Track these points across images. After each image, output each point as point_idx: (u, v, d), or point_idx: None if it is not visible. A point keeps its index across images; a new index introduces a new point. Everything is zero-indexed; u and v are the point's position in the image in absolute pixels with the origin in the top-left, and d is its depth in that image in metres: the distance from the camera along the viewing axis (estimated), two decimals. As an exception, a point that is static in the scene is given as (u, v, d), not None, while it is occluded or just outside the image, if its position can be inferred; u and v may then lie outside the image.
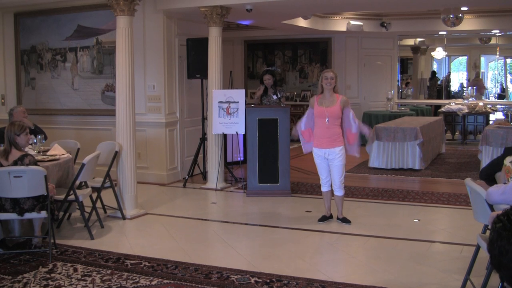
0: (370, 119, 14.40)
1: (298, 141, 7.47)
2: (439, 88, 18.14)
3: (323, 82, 6.83)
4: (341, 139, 6.83)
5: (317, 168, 7.06)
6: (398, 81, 16.67)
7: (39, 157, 6.56)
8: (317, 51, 15.86)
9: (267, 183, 8.79)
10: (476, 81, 17.49)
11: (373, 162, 11.06)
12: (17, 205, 5.72)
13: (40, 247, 6.11)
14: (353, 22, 14.59)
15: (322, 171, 7.02)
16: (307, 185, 9.50)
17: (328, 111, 6.74)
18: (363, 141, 10.74)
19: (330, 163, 6.90)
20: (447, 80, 18.37)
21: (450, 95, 18.03)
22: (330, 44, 15.67)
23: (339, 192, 7.00)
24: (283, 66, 16.33)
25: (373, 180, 10.14)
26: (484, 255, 4.54)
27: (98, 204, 7.38)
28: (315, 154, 6.97)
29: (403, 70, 17.97)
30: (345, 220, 7.06)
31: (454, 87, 18.67)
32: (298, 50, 16.12)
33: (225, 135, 10.08)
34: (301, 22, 13.01)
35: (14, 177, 5.55)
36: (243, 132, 9.04)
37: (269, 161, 8.78)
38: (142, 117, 9.66)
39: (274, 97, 9.22)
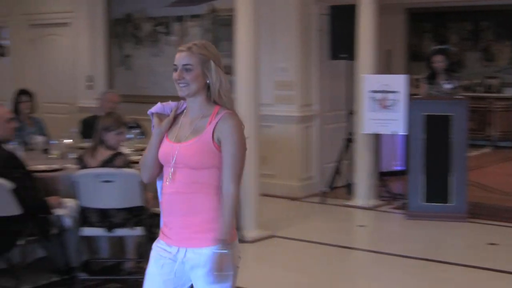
0: None
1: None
2: None
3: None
4: (214, 225, 3.42)
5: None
6: None
7: (135, 158, 6.58)
8: (506, 22, 15.36)
9: (435, 203, 8.70)
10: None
11: None
12: (105, 218, 5.89)
13: (133, 273, 6.19)
14: None
15: None
16: (490, 208, 9.28)
17: (175, 150, 3.49)
18: None
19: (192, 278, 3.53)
20: None
21: None
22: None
23: None
24: (461, 44, 16.01)
25: None
26: None
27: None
28: (154, 251, 3.57)
29: None
30: None
31: None
32: (481, 22, 15.75)
33: (378, 136, 9.99)
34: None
35: (103, 182, 5.70)
36: (403, 132, 9.02)
37: (439, 173, 8.68)
38: (268, 108, 9.61)
39: (447, 85, 9.00)
